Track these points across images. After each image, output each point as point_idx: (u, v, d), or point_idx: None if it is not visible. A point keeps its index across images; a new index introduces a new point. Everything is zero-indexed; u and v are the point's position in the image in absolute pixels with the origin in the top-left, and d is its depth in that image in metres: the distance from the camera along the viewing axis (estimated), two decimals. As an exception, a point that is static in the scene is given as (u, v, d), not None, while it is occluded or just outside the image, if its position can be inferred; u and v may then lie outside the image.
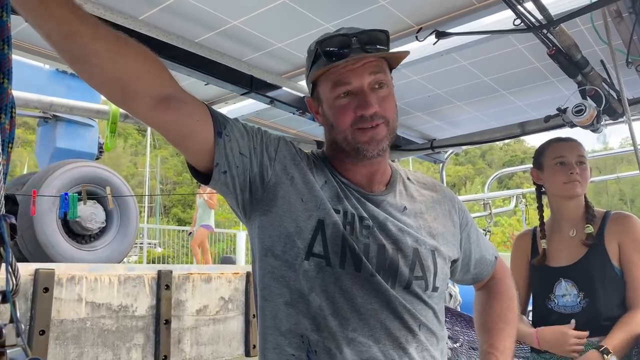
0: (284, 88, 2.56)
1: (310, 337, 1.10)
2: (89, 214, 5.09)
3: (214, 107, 2.83)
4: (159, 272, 3.36)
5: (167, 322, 3.34)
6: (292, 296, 1.13)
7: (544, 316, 2.05)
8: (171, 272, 3.43)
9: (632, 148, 2.06)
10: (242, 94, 2.48)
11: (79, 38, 0.91)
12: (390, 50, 1.21)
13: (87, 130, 5.72)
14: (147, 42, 1.95)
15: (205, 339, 3.60)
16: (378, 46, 1.18)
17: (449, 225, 1.31)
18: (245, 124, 1.19)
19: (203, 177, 1.14)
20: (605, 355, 1.74)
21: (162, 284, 3.33)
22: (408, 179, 1.34)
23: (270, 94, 2.50)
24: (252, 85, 2.40)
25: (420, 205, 1.28)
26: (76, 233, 5.14)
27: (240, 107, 3.06)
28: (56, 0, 0.88)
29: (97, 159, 6.01)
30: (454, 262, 1.32)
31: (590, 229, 1.98)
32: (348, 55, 1.15)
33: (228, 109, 3.03)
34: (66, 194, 4.46)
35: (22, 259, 4.89)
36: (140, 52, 1.00)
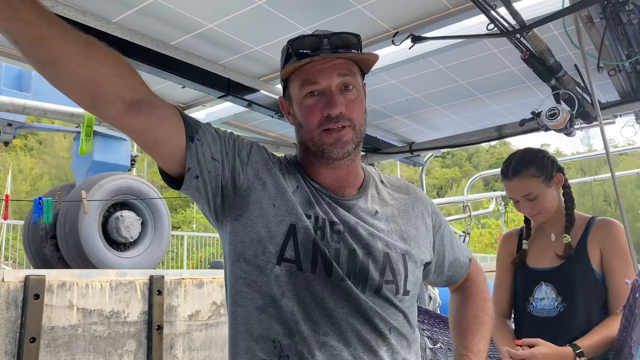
0: (261, 91, 2.55)
1: (282, 342, 1.10)
2: (128, 222, 5.34)
3: (192, 110, 2.81)
4: (151, 277, 3.31)
5: (160, 327, 3.28)
6: (264, 301, 1.13)
7: (522, 319, 2.05)
8: (163, 277, 3.37)
9: (615, 150, 2.09)
10: (219, 97, 2.47)
11: (47, 41, 0.89)
12: (360, 53, 1.21)
13: (121, 144, 6.01)
14: (121, 44, 1.94)
15: (197, 345, 3.55)
16: (349, 49, 1.19)
17: (421, 228, 1.31)
18: (218, 128, 1.19)
19: (175, 182, 1.13)
20: (578, 358, 1.74)
21: (154, 289, 3.28)
22: (381, 182, 1.35)
23: (247, 97, 2.49)
24: (229, 88, 2.39)
25: (392, 209, 1.28)
26: (114, 241, 5.36)
27: (219, 110, 3.05)
28: (23, 3, 0.86)
29: (128, 170, 6.26)
30: (426, 265, 1.33)
31: (567, 238, 1.95)
32: (318, 55, 1.15)
33: (206, 112, 3.01)
34: (40, 198, 4.42)
35: (66, 265, 5.16)
36: (110, 55, 0.99)
